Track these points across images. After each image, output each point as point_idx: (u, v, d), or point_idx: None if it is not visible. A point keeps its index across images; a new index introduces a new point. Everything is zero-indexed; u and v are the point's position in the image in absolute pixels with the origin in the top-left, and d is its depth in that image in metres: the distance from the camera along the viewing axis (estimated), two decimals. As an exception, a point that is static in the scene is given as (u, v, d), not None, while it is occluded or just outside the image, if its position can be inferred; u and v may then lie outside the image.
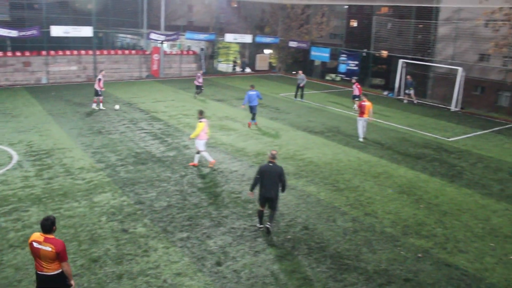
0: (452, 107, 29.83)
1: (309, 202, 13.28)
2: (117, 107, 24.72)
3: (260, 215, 11.38)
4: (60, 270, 7.25)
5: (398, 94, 33.42)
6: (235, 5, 55.72)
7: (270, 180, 10.91)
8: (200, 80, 29.57)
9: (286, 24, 44.88)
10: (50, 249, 7.08)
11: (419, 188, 14.91)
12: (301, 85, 29.59)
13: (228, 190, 13.96)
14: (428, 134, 22.39)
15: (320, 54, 42.23)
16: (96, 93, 24.55)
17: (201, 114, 15.80)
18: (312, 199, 13.55)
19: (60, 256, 7.13)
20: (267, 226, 11.14)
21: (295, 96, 30.03)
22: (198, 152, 15.92)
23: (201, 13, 50.26)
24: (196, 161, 16.02)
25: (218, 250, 10.33)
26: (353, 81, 28.51)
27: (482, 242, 11.39)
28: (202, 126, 15.44)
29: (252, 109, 22.09)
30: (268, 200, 11.03)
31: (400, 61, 33.04)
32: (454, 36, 32.47)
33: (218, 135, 20.15)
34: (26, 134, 19.16)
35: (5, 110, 23.43)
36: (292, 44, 43.91)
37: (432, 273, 9.83)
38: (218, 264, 9.76)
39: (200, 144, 15.66)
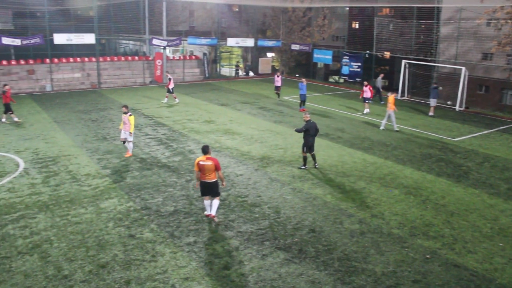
0: (457, 107, 29.75)
1: (316, 205, 13.26)
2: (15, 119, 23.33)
3: (306, 159, 16.36)
4: (216, 179, 11.69)
5: (402, 95, 33.37)
6: (237, 9, 55.86)
7: (312, 132, 16.14)
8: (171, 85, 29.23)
9: (288, 27, 44.95)
10: (210, 163, 11.46)
11: (425, 188, 14.86)
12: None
13: (234, 194, 13.96)
14: (433, 134, 22.33)
15: (322, 57, 42.25)
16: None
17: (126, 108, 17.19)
18: (318, 201, 13.53)
19: (216, 167, 11.53)
20: (316, 166, 16.49)
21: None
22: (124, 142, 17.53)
23: (203, 18, 50.37)
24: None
25: (225, 254, 10.33)
26: (365, 83, 28.15)
27: (490, 242, 11.33)
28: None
29: (301, 97, 27.34)
30: (311, 146, 16.25)
31: (403, 61, 33.00)
32: (457, 36, 32.43)
33: (223, 139, 20.17)
34: (32, 142, 19.24)
35: (11, 119, 23.52)
36: (295, 47, 43.95)
37: (441, 274, 9.78)
38: (226, 268, 9.74)
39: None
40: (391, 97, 22.55)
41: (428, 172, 16.57)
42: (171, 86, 28.79)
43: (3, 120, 22.86)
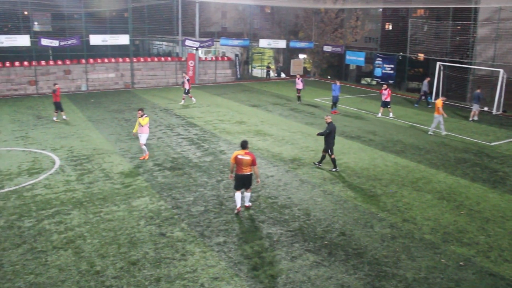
0: (494, 110, 28.93)
1: (346, 208, 13.13)
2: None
3: (335, 160, 16.44)
4: (251, 173, 12.33)
5: (436, 98, 32.65)
6: (269, 11, 55.89)
7: (333, 134, 16.31)
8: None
9: (320, 29, 44.69)
10: (249, 158, 12.16)
11: (459, 194, 14.50)
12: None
13: (265, 195, 13.96)
14: (468, 138, 21.77)
15: (355, 58, 41.82)
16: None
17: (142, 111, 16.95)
18: (349, 204, 13.40)
19: (253, 162, 12.20)
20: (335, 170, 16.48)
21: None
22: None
23: (235, 19, 50.73)
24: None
25: (254, 255, 10.34)
26: (385, 86, 27.07)
27: (527, 250, 10.96)
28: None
29: (333, 98, 27.18)
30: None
31: (438, 63, 32.31)
32: (495, 37, 31.52)
33: (254, 140, 20.21)
34: (68, 140, 19.76)
35: (48, 117, 24.25)
36: (327, 48, 43.67)
37: (475, 282, 9.52)
38: (255, 269, 9.76)
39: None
40: (439, 101, 21.88)
41: (462, 177, 16.16)
42: (187, 87, 28.96)
43: (54, 118, 23.47)
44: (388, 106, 26.42)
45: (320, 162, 16.75)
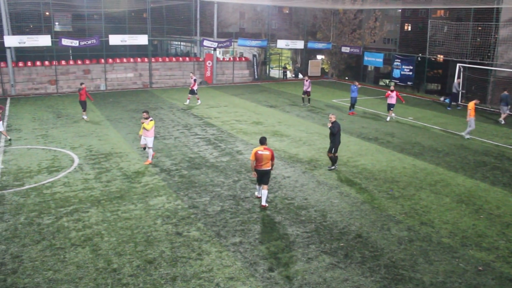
0: (506, 114, 28.36)
1: (363, 210, 13.04)
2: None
3: (333, 159, 16.55)
4: (270, 168, 12.93)
5: (456, 100, 32.26)
6: (287, 11, 55.86)
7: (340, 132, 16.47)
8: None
9: (339, 30, 44.48)
10: (268, 153, 12.75)
11: (479, 197, 14.28)
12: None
13: (281, 196, 13.94)
14: (489, 141, 21.42)
15: (373, 59, 41.50)
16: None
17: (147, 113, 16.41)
18: (366, 206, 13.29)
19: (272, 157, 12.81)
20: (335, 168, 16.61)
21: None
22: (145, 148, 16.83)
23: (253, 20, 50.82)
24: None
25: (270, 255, 10.33)
26: (392, 88, 26.36)
27: (549, 256, 10.73)
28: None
29: (352, 100, 26.93)
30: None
31: (458, 65, 31.87)
32: (517, 38, 30.98)
33: (271, 141, 20.19)
34: (86, 139, 20.01)
35: (68, 116, 24.60)
36: (345, 49, 43.42)
37: None
38: (271, 269, 9.74)
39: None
40: (471, 103, 21.53)
41: (482, 180, 15.91)
42: (195, 87, 28.87)
43: (84, 117, 23.74)
44: (391, 109, 25.58)
45: (333, 164, 16.63)
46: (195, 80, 28.96)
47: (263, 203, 13.04)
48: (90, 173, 15.66)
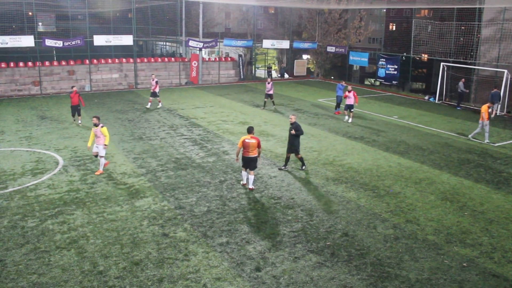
0: (498, 111, 28.80)
1: (349, 209, 13.11)
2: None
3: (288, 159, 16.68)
4: (256, 155, 14.03)
5: (440, 99, 32.62)
6: (272, 11, 55.94)
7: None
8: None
9: (324, 29, 44.67)
10: (254, 141, 13.85)
11: (463, 195, 14.46)
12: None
13: (268, 195, 13.96)
14: (472, 139, 21.69)
15: (358, 59, 41.79)
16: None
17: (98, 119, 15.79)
18: (352, 205, 13.38)
19: (258, 145, 13.91)
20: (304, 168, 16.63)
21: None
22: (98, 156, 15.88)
23: (239, 20, 50.79)
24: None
25: (257, 255, 10.34)
26: (350, 88, 25.19)
27: (531, 251, 10.91)
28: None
29: (337, 99, 27.22)
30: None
31: (442, 64, 32.21)
32: (499, 38, 31.42)
33: (256, 140, 20.19)
34: (71, 140, 19.81)
35: (52, 117, 24.32)
36: (330, 49, 43.64)
37: (478, 283, 9.48)
38: (258, 269, 9.75)
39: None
40: (484, 106, 21.19)
41: (466, 178, 16.12)
42: (157, 89, 27.56)
43: (79, 122, 22.90)
44: (351, 110, 24.81)
45: (285, 166, 16.57)
46: (156, 82, 27.62)
47: (250, 186, 14.28)
48: (75, 175, 15.51)
